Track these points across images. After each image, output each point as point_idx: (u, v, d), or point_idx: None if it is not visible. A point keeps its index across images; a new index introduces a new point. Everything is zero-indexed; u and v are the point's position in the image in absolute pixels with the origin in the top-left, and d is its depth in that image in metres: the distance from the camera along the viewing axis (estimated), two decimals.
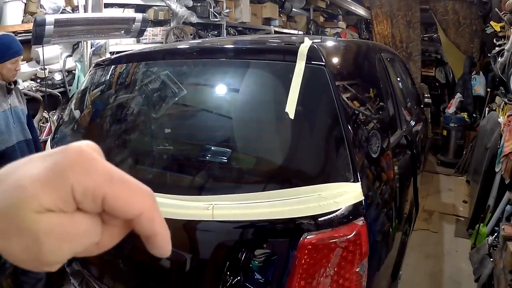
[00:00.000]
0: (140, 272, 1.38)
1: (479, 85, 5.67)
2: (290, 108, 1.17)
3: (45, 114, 2.84)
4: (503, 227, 2.43)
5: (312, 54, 1.25)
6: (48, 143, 1.98)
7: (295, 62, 1.24)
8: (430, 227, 3.50)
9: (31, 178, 0.27)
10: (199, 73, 1.52)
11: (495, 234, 2.65)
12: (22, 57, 2.18)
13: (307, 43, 1.30)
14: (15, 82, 2.18)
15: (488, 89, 5.25)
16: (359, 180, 1.13)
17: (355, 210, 1.09)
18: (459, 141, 5.28)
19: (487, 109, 4.96)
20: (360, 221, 1.09)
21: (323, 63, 1.24)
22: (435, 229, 3.48)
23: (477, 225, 3.06)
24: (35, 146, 2.27)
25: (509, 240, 2.23)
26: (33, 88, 2.79)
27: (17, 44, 2.09)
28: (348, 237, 1.06)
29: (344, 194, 1.08)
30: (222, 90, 1.49)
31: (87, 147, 0.29)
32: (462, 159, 5.01)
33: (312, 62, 1.24)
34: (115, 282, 1.48)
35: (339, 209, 1.06)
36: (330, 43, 1.59)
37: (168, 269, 1.29)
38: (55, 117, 2.91)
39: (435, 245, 3.20)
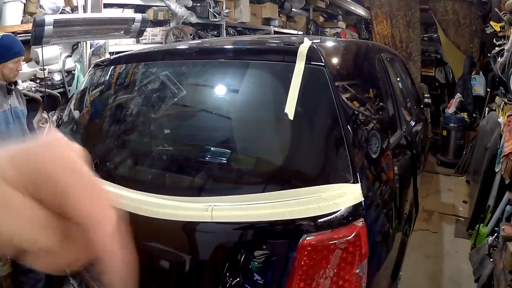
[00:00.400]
0: (139, 273, 1.37)
1: (479, 85, 5.67)
2: (290, 109, 1.16)
3: (45, 115, 2.83)
4: (503, 227, 2.43)
5: (312, 54, 1.25)
6: None
7: (295, 62, 1.24)
8: (430, 227, 3.50)
9: (3, 152, 0.28)
10: (199, 73, 1.52)
11: (495, 234, 2.65)
12: (23, 57, 2.19)
13: (306, 43, 1.30)
14: (15, 83, 2.19)
15: (488, 89, 5.24)
16: (359, 181, 1.12)
17: (354, 211, 1.09)
18: (459, 141, 5.28)
19: (487, 109, 4.95)
20: (359, 222, 1.08)
21: (322, 64, 1.24)
22: (435, 229, 3.47)
23: (477, 225, 3.06)
24: None
25: (509, 241, 2.22)
26: (33, 89, 2.79)
27: (19, 45, 2.11)
28: (348, 238, 1.05)
29: (344, 195, 1.08)
30: (221, 90, 1.49)
31: (72, 145, 0.30)
32: (462, 159, 5.01)
33: (312, 63, 1.24)
34: None
35: (339, 210, 1.06)
36: (329, 43, 1.58)
37: (168, 270, 1.29)
38: (55, 117, 2.91)
39: (435, 245, 3.20)
